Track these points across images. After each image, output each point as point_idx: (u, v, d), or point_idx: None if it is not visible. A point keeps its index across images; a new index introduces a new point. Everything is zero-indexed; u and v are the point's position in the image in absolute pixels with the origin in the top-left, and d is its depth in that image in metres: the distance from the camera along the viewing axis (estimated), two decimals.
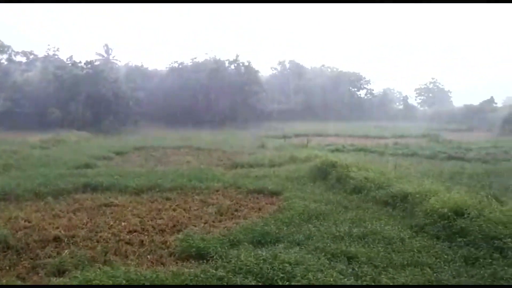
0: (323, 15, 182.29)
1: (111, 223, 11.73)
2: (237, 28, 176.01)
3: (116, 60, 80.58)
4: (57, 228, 11.06)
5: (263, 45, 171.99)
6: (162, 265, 8.73)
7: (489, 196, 11.62)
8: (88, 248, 9.61)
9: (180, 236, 10.29)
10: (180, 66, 77.10)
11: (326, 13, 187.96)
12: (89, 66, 60.45)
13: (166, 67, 79.67)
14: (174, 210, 13.25)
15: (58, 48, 73.99)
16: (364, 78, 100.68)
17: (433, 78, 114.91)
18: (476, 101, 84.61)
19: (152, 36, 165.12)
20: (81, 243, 9.94)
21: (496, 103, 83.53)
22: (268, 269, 7.77)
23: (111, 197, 14.69)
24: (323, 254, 8.79)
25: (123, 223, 11.68)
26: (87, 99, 55.69)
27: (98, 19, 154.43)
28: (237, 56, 76.39)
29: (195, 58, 79.38)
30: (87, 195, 15.06)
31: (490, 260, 8.34)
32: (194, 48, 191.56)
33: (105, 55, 78.75)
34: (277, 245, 9.32)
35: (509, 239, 8.82)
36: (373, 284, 7.56)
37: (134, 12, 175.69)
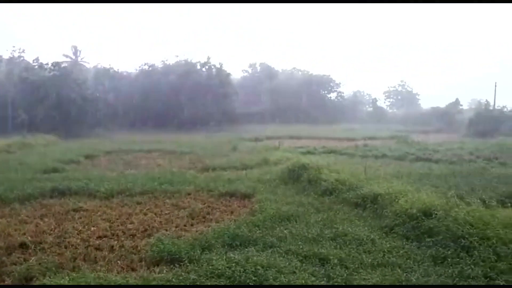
0: (293, 17, 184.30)
1: (80, 228, 11.53)
2: (208, 29, 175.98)
3: (85, 62, 79.14)
4: (24, 234, 10.79)
5: (234, 47, 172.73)
6: (132, 271, 8.59)
7: (456, 197, 11.90)
8: (56, 254, 9.40)
9: (151, 240, 10.17)
10: (150, 68, 76.26)
11: (296, 15, 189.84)
12: (56, 68, 59.11)
13: (136, 69, 78.64)
14: (145, 214, 13.10)
15: (24, 50, 71.92)
16: (335, 80, 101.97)
17: (402, 81, 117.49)
18: (443, 103, 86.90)
19: (123, 37, 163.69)
20: (48, 250, 9.72)
21: (461, 105, 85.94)
22: (240, 272, 7.75)
23: (79, 202, 14.41)
24: (295, 256, 8.83)
25: (92, 228, 11.48)
26: (55, 102, 54.45)
27: (66, 20, 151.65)
28: (209, 58, 76.09)
29: (167, 60, 78.71)
30: (54, 200, 14.74)
31: (457, 259, 8.54)
32: (165, 50, 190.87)
33: (73, 57, 77.15)
34: (249, 248, 9.30)
35: (476, 238, 9.04)
36: (344, 284, 7.64)
37: (103, 13, 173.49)
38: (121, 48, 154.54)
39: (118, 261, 9.09)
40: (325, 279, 7.80)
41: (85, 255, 9.40)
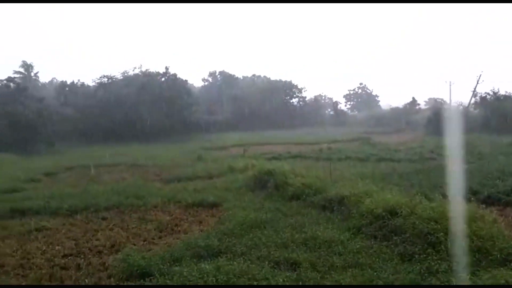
0: (250, 23, 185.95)
1: (44, 248, 11.21)
2: (167, 39, 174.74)
3: (37, 77, 77.13)
4: None
5: (193, 56, 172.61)
6: None
7: (419, 194, 12.19)
8: (20, 276, 9.09)
9: (119, 256, 9.97)
10: (109, 81, 74.80)
11: (253, 21, 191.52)
12: (7, 84, 57.11)
13: (95, 82, 76.84)
14: (111, 229, 12.84)
15: None
16: (296, 85, 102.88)
17: (361, 83, 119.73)
18: (400, 103, 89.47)
19: (80, 50, 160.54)
20: (12, 272, 9.38)
21: (419, 104, 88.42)
22: (212, 282, 7.69)
23: (42, 221, 13.97)
24: (266, 262, 8.83)
25: (57, 247, 11.19)
26: (8, 120, 52.49)
27: (13, 35, 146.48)
28: (167, 68, 75.35)
29: (128, 72, 77.21)
30: (15, 221, 14.23)
31: (424, 255, 8.74)
32: (124, 62, 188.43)
33: (25, 73, 74.89)
34: (220, 257, 9.25)
35: (441, 234, 9.25)
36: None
37: (56, 25, 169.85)
38: (79, 61, 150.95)
39: (86, 280, 8.86)
40: (299, 283, 7.83)
41: (50, 275, 9.11)
